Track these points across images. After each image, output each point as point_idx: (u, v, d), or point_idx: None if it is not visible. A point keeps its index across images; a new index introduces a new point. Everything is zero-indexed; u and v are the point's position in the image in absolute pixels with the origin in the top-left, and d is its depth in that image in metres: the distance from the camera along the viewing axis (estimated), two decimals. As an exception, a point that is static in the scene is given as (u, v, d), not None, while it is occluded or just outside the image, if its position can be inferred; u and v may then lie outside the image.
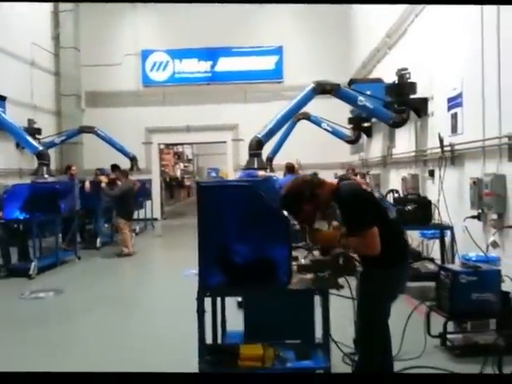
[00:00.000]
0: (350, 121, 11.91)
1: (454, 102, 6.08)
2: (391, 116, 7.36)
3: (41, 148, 8.47)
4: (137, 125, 15.50)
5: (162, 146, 17.23)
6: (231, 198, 2.46)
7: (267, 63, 15.81)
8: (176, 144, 20.38)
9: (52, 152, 12.36)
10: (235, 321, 3.25)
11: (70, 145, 13.68)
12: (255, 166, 6.38)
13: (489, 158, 5.15)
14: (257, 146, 6.28)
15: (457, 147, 5.91)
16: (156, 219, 14.60)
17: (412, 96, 7.39)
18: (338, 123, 12.34)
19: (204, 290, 2.45)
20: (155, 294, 6.32)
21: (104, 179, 9.92)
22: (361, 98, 7.18)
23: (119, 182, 9.52)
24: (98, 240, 9.83)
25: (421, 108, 7.34)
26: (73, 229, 8.75)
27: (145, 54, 15.83)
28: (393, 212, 2.78)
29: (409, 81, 7.33)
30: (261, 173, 8.17)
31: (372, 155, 11.86)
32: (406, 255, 2.81)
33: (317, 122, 12.28)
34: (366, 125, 11.92)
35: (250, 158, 6.33)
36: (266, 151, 13.19)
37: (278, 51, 15.73)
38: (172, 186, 22.77)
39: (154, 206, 14.14)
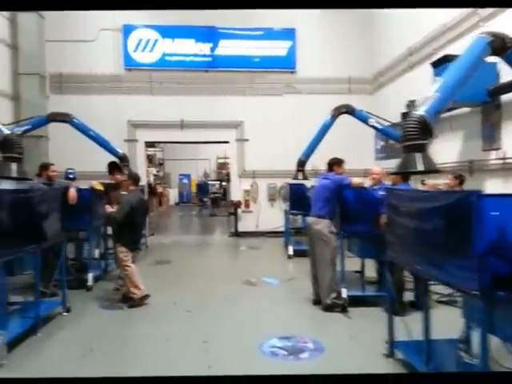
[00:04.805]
0: (405, 116, 9.49)
1: None
2: None
3: (6, 131, 5.25)
4: (117, 118, 12.34)
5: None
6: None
7: (278, 49, 13.15)
8: (166, 142, 17.16)
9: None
10: None
11: (31, 138, 10.17)
12: (419, 167, 3.67)
13: None
14: (422, 131, 3.61)
15: None
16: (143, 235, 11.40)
17: None
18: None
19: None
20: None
21: (98, 185, 6.84)
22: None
23: (123, 192, 6.42)
24: (90, 275, 6.69)
25: None
26: (58, 262, 5.59)
27: (127, 30, 12.69)
28: None
29: None
30: (356, 180, 5.53)
31: (437, 160, 9.42)
32: None
33: (362, 118, 9.74)
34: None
35: (408, 155, 3.62)
36: (295, 151, 10.59)
37: (291, 35, 13.12)
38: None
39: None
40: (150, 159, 21.32)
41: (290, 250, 9.36)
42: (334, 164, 5.82)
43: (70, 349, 4.62)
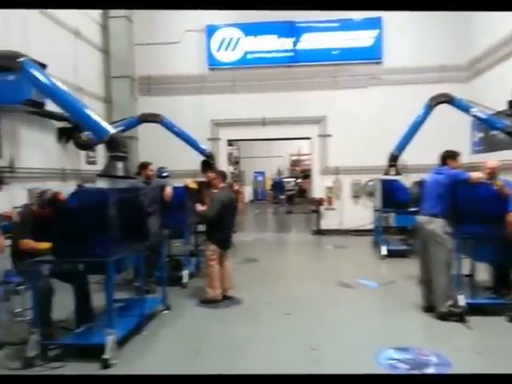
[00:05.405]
0: (512, 105, 8.62)
1: None
2: None
3: (113, 131, 5.32)
4: (200, 117, 12.46)
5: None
6: None
7: (363, 39, 12.57)
8: (248, 140, 17.21)
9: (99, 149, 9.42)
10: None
11: (123, 140, 10.59)
12: None
13: None
14: None
15: None
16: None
17: None
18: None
19: None
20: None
21: (192, 184, 6.85)
22: None
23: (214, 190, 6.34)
24: (185, 273, 6.70)
25: None
26: (157, 259, 5.62)
27: (210, 30, 12.76)
28: None
29: None
30: (475, 174, 4.98)
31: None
32: None
33: (463, 107, 8.96)
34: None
35: None
36: (380, 146, 10.05)
37: (377, 24, 12.47)
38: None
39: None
40: (228, 157, 21.54)
41: (384, 250, 8.84)
42: (448, 157, 5.29)
43: (175, 348, 4.58)
